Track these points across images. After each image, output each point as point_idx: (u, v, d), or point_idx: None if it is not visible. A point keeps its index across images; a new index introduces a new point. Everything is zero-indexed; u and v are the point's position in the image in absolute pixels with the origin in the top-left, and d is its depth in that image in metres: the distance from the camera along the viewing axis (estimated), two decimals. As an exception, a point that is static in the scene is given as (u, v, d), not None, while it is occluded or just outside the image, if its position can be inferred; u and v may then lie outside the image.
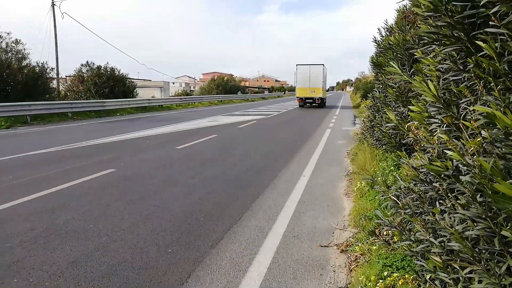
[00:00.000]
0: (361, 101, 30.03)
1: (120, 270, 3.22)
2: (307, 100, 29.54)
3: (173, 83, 72.00)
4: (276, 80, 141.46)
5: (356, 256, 3.38)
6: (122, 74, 27.86)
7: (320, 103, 29.35)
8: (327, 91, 40.94)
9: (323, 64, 29.49)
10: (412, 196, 2.99)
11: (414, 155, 3.04)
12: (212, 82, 54.85)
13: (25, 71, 20.32)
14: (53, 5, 24.11)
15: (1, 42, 19.76)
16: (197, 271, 3.21)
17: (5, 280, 3.05)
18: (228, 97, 47.00)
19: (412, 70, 5.02)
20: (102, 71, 26.26)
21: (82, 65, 26.11)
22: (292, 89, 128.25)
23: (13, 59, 20.07)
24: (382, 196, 4.41)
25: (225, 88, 53.49)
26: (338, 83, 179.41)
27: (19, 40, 20.49)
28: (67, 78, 28.55)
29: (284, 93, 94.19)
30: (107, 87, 25.55)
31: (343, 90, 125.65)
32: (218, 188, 5.90)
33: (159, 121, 18.08)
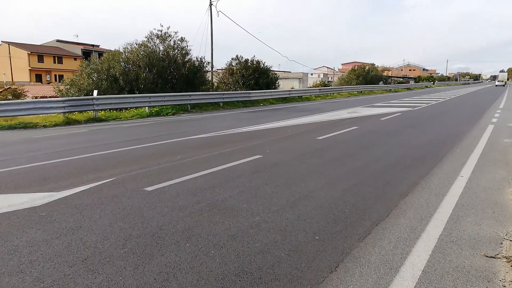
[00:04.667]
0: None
1: (272, 249, 3.47)
2: (501, 83, 75.79)
3: (312, 74, 72.70)
4: (423, 69, 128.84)
5: (535, 274, 2.88)
6: (266, 66, 29.52)
7: (505, 85, 73.42)
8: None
9: (506, 72, 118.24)
10: None
11: None
12: (352, 72, 53.33)
13: (187, 65, 23.27)
14: (210, 5, 26.96)
15: (170, 40, 23.03)
16: (346, 262, 3.22)
17: (180, 244, 3.62)
18: (369, 88, 45.04)
19: None
20: (249, 64, 28.30)
21: (232, 58, 28.67)
22: (442, 79, 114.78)
23: (178, 55, 23.18)
24: None
25: (365, 78, 51.41)
26: (502, 71, 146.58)
27: (184, 38, 23.46)
28: (219, 71, 31.62)
29: (433, 83, 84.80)
30: (253, 79, 27.53)
31: (508, 80, 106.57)
32: (362, 181, 5.76)
33: (299, 112, 18.56)
